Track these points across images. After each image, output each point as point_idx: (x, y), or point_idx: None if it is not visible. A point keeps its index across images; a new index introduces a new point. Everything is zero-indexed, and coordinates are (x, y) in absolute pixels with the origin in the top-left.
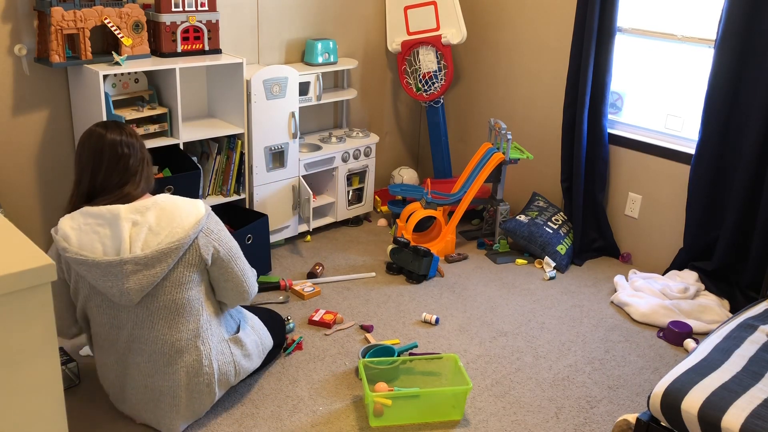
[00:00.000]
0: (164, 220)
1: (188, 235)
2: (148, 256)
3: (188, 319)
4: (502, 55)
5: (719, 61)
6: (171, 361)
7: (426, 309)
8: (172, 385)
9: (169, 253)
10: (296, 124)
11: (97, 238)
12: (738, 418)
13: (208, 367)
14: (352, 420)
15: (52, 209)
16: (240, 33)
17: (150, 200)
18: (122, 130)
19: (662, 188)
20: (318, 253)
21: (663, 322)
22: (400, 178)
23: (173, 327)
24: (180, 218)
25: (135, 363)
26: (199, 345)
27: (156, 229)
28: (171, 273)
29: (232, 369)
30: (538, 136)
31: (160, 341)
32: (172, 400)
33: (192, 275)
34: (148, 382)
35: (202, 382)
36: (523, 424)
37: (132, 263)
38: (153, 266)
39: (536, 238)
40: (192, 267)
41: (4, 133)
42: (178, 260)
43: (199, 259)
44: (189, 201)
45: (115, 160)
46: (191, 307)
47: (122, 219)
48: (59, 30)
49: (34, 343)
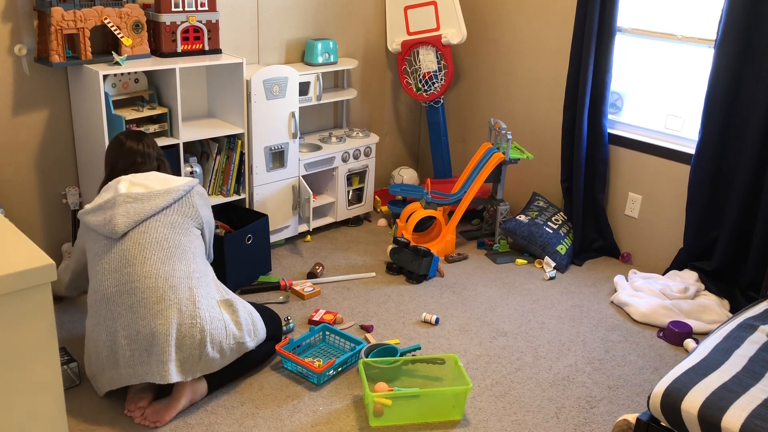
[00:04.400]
0: (159, 181)
1: (179, 187)
2: (141, 193)
3: (180, 261)
4: (502, 55)
5: (719, 61)
6: (163, 296)
7: (426, 309)
8: (163, 323)
9: (160, 194)
10: (296, 124)
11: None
12: (738, 418)
13: (201, 311)
14: (352, 420)
15: (52, 209)
16: (240, 33)
17: (149, 173)
18: (140, 141)
19: (662, 188)
20: (318, 253)
21: (663, 322)
22: (400, 178)
23: (166, 263)
24: (173, 180)
25: (128, 305)
26: (192, 287)
27: (152, 186)
28: (164, 216)
29: (222, 328)
30: (538, 136)
31: (153, 275)
32: (164, 339)
33: (186, 222)
34: (140, 326)
35: (194, 325)
36: (523, 424)
37: (124, 196)
38: (143, 201)
39: (536, 238)
40: (187, 217)
41: (4, 133)
42: (170, 205)
43: (195, 212)
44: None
45: (130, 164)
46: (183, 251)
47: (122, 180)
48: (59, 30)
49: (34, 343)
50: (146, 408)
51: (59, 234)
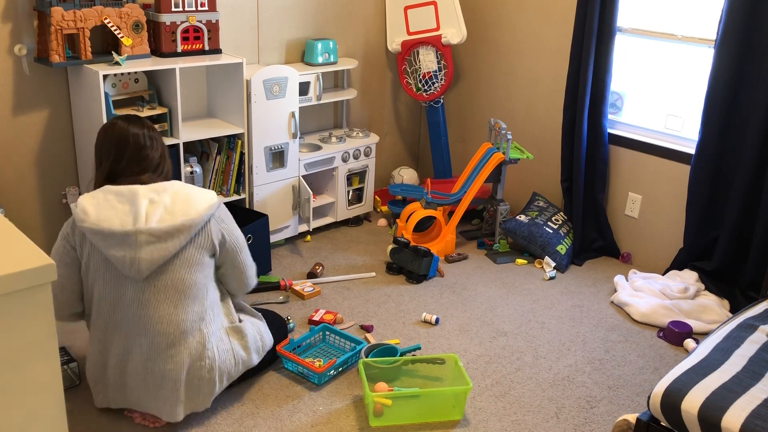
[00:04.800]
0: (179, 202)
1: (201, 216)
2: (163, 230)
3: (194, 301)
4: (502, 55)
5: (719, 61)
6: (174, 342)
7: (426, 309)
8: (174, 368)
9: (183, 230)
10: (296, 124)
11: (115, 213)
12: (738, 418)
13: (210, 351)
14: (352, 420)
15: (52, 209)
16: (240, 33)
17: (167, 183)
18: (143, 125)
19: (662, 188)
20: (318, 253)
21: (663, 322)
22: (400, 178)
23: (179, 307)
24: (194, 201)
25: (138, 344)
26: (203, 328)
27: (171, 209)
28: (182, 252)
29: (231, 358)
30: (538, 136)
31: (165, 321)
32: (173, 384)
33: (202, 257)
34: (149, 365)
35: (204, 366)
36: (523, 424)
37: (146, 233)
38: (166, 240)
39: (536, 238)
40: (202, 249)
41: (4, 133)
42: (190, 240)
43: (210, 243)
44: (201, 189)
45: (136, 152)
46: (197, 290)
47: (140, 196)
48: (59, 30)
49: (34, 343)
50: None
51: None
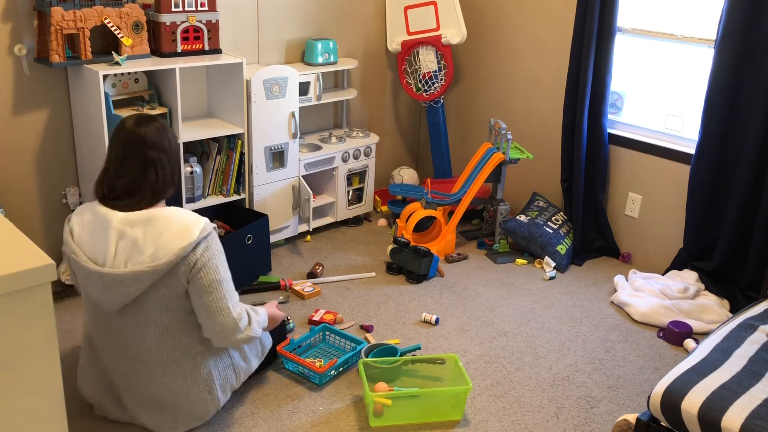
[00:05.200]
0: (150, 238)
1: (168, 262)
2: (123, 275)
3: (180, 333)
4: (502, 55)
5: (719, 61)
6: (167, 370)
7: (426, 309)
8: (170, 393)
9: (144, 278)
10: (296, 124)
11: (93, 241)
12: (738, 418)
13: (207, 375)
14: (352, 420)
15: (52, 209)
16: (240, 33)
17: (146, 213)
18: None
19: (662, 188)
20: (318, 253)
21: (663, 322)
22: (400, 178)
23: (164, 341)
24: (167, 240)
25: (132, 370)
26: (195, 356)
27: (141, 246)
28: (154, 293)
29: (232, 373)
30: (538, 136)
31: (154, 352)
32: (173, 405)
33: (179, 299)
34: (144, 390)
35: (202, 390)
36: (523, 424)
37: (108, 278)
38: (127, 285)
39: (536, 238)
40: (178, 296)
41: (4, 133)
42: (158, 283)
43: (182, 290)
44: (187, 222)
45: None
46: (182, 324)
47: (112, 228)
48: (59, 30)
49: (34, 343)
50: None
51: (59, 234)
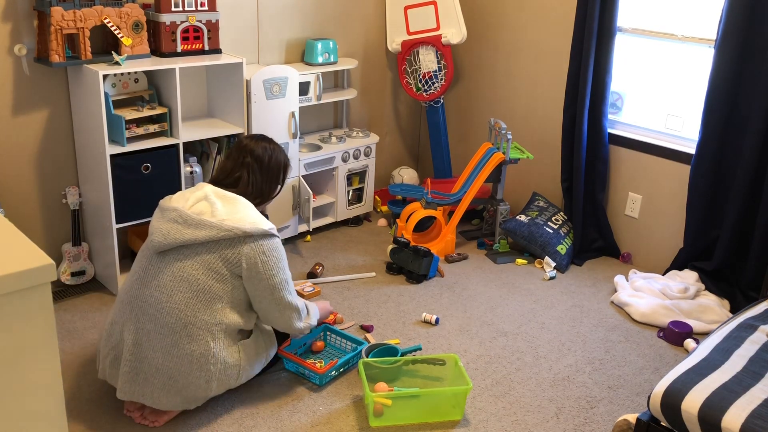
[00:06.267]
0: (227, 210)
1: (232, 229)
2: (188, 217)
3: (206, 307)
4: (502, 55)
5: (719, 61)
6: (178, 342)
7: (426, 309)
8: (171, 368)
9: (203, 227)
10: (296, 124)
11: (182, 198)
12: (738, 418)
13: (213, 366)
14: (352, 420)
15: (52, 209)
16: (240, 33)
17: (233, 194)
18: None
19: (662, 188)
20: (318, 253)
21: (663, 322)
22: (400, 178)
23: (190, 305)
24: (240, 218)
25: (145, 330)
26: (209, 341)
27: (215, 211)
28: (204, 254)
29: (235, 372)
30: (538, 136)
31: (174, 315)
32: (167, 380)
33: (223, 270)
34: (148, 354)
35: (202, 377)
36: (523, 424)
37: (177, 213)
38: (189, 224)
39: (536, 238)
40: (228, 264)
41: (4, 133)
42: (214, 245)
43: (237, 262)
44: (260, 217)
45: (236, 171)
46: (212, 298)
47: (201, 190)
48: (59, 30)
49: (34, 343)
50: (146, 408)
51: (59, 234)
